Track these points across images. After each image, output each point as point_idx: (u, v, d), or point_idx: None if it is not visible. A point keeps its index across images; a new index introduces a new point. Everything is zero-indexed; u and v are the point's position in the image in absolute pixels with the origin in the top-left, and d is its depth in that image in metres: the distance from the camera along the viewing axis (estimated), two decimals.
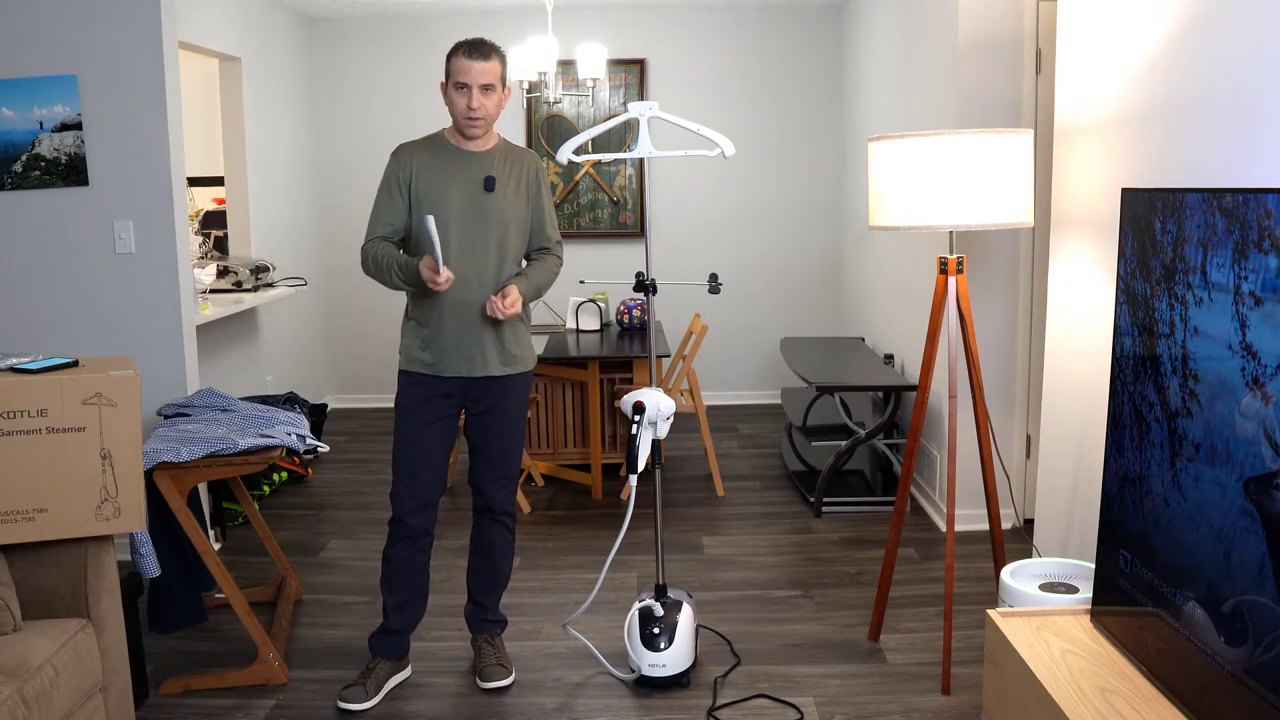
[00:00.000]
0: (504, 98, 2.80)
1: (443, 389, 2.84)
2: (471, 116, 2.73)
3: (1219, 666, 1.59)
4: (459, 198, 2.78)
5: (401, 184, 2.81)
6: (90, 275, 3.81)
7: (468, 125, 2.75)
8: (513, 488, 2.98)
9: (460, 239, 2.78)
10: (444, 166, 2.80)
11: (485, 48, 2.72)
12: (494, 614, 3.06)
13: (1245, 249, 1.53)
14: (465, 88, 2.71)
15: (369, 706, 2.82)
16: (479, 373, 2.84)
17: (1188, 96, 2.25)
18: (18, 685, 2.05)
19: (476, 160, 2.81)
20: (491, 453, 2.92)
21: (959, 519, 4.14)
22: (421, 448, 2.84)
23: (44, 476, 2.30)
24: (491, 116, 2.76)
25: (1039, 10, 3.85)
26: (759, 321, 6.71)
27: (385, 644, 2.94)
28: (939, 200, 2.68)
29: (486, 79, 2.71)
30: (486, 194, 2.79)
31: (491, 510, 2.97)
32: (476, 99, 2.71)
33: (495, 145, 2.86)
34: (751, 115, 6.51)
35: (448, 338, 2.81)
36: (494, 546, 2.99)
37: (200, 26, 4.83)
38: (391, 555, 2.90)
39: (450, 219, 2.77)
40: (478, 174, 2.79)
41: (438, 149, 2.83)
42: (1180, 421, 1.72)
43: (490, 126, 2.80)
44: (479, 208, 2.79)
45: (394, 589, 2.92)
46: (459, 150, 2.82)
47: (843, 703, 2.82)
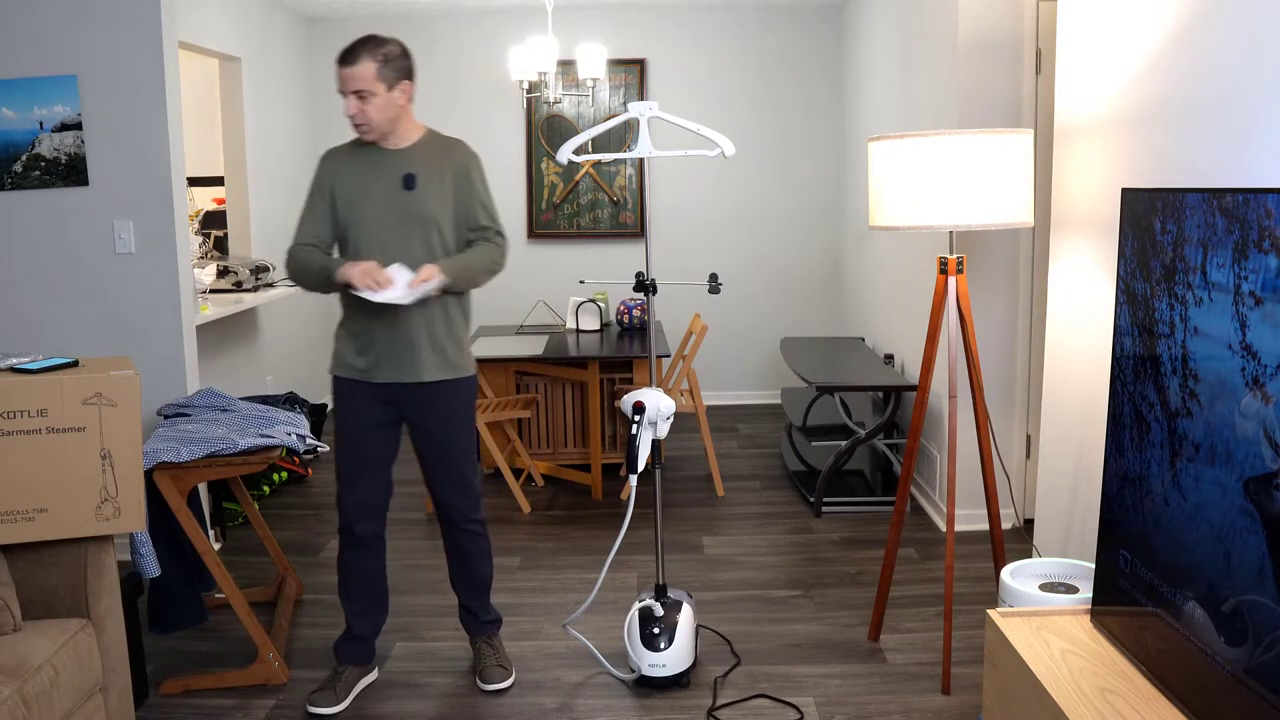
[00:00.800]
0: (399, 97, 2.66)
1: (378, 395, 2.78)
2: (355, 124, 2.65)
3: (1219, 666, 1.59)
4: (380, 200, 2.70)
5: (324, 192, 2.75)
6: (90, 275, 3.81)
7: (357, 131, 2.68)
8: (472, 495, 2.90)
9: (385, 242, 2.70)
10: (363, 169, 2.72)
11: (353, 52, 2.59)
12: (487, 615, 3.04)
13: (1245, 249, 1.53)
14: (345, 94, 2.63)
15: (338, 710, 2.81)
16: (409, 378, 2.75)
17: (1188, 96, 2.25)
18: (18, 685, 2.05)
19: (396, 159, 2.72)
20: (437, 465, 2.84)
21: (959, 519, 4.14)
22: (362, 454, 2.79)
23: (44, 476, 2.30)
24: (377, 120, 2.64)
25: (1039, 10, 3.85)
26: (759, 321, 6.71)
27: (351, 651, 2.92)
28: (939, 200, 2.68)
29: (357, 85, 2.59)
30: (407, 193, 2.69)
31: (454, 521, 2.90)
32: (353, 105, 2.61)
33: (418, 140, 2.75)
34: (751, 115, 6.51)
35: (379, 343, 2.74)
36: (468, 554, 2.94)
37: (200, 26, 4.83)
38: (345, 563, 2.88)
39: (373, 222, 2.70)
40: (397, 173, 2.70)
41: (361, 151, 2.74)
42: (1180, 421, 1.72)
43: (385, 129, 2.68)
44: (401, 208, 2.69)
45: (353, 597, 2.90)
46: (380, 150, 2.73)
47: (843, 703, 2.82)
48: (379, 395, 2.78)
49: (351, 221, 2.72)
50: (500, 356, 4.70)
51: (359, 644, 2.93)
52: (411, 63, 2.70)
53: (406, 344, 2.73)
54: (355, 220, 2.71)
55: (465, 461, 2.87)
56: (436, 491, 2.88)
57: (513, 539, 4.19)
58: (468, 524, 2.91)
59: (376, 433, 2.80)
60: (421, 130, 2.78)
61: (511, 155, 6.54)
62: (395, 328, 2.73)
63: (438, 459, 2.84)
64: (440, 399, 2.80)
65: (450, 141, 2.80)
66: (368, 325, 2.75)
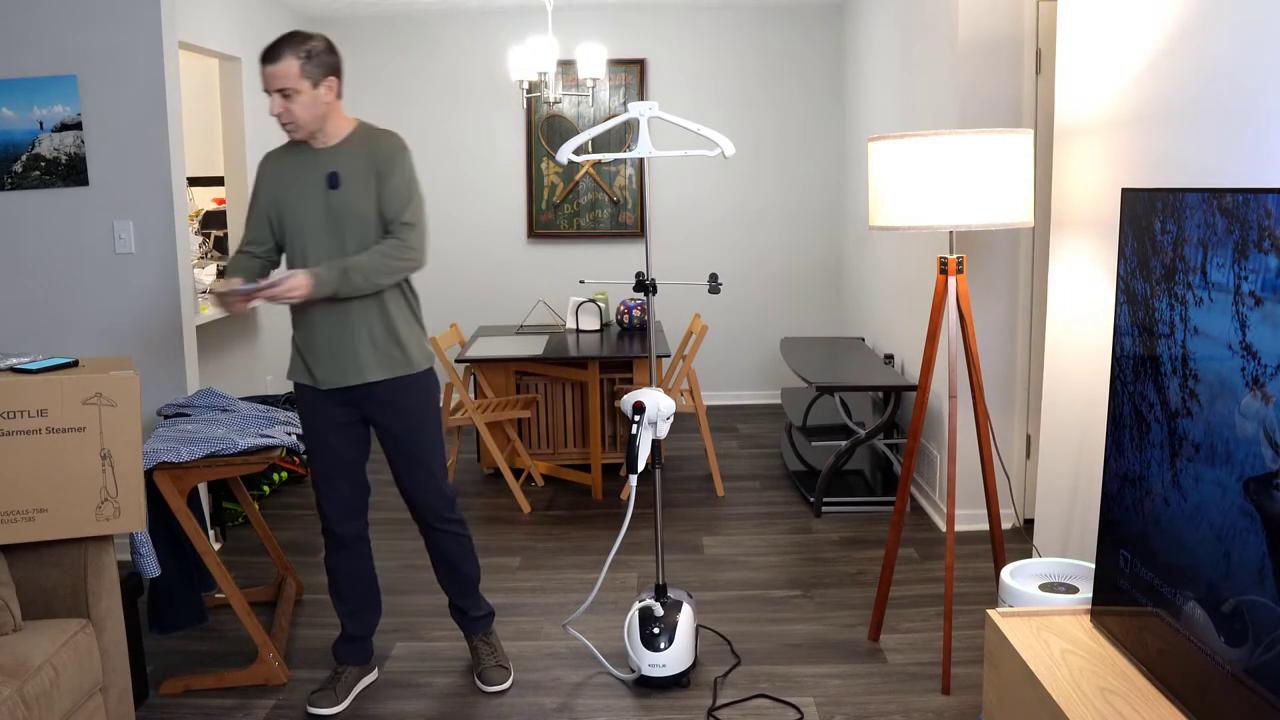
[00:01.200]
0: (323, 95, 2.59)
1: (334, 398, 2.75)
2: (281, 123, 2.60)
3: (1219, 666, 1.59)
4: (308, 199, 2.65)
5: (259, 195, 2.72)
6: (90, 275, 3.81)
7: (286, 130, 2.63)
8: (441, 494, 2.84)
9: (316, 244, 2.65)
10: (294, 169, 2.67)
11: (276, 49, 2.53)
12: (478, 610, 3.01)
13: (1245, 249, 1.53)
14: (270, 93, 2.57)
15: (338, 711, 2.81)
16: (355, 380, 2.70)
17: (1188, 96, 2.25)
18: (18, 685, 2.05)
19: (323, 157, 2.66)
20: (401, 465, 2.80)
21: (959, 519, 4.14)
22: (331, 457, 2.78)
23: (44, 476, 2.30)
24: (303, 118, 2.58)
25: (1039, 10, 3.85)
26: (759, 321, 6.71)
27: (348, 651, 2.92)
28: (939, 200, 2.68)
29: (280, 83, 2.53)
30: (332, 191, 2.63)
31: (428, 522, 2.86)
32: (277, 105, 2.56)
33: (347, 136, 2.68)
34: (751, 115, 6.51)
35: (321, 349, 2.70)
36: (449, 553, 2.90)
37: (200, 26, 4.83)
38: (332, 565, 2.88)
39: (304, 223, 2.65)
40: (322, 172, 2.65)
41: (291, 151, 2.70)
42: (1180, 421, 1.72)
43: (312, 128, 2.61)
44: (328, 207, 2.64)
45: (343, 598, 2.90)
46: (309, 149, 2.67)
47: (843, 703, 2.82)
48: (334, 398, 2.75)
49: (286, 224, 2.69)
50: (500, 356, 4.70)
51: (355, 644, 2.93)
52: (338, 59, 2.62)
53: (345, 346, 2.68)
54: (289, 223, 2.68)
55: (430, 460, 2.81)
56: (406, 492, 2.84)
57: (513, 539, 4.19)
58: (443, 524, 2.86)
59: (341, 435, 2.78)
60: (352, 125, 2.70)
61: (511, 155, 6.55)
62: (333, 331, 2.68)
63: (400, 458, 2.80)
64: (392, 397, 2.75)
65: (379, 134, 2.70)
66: (309, 331, 2.71)
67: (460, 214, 6.59)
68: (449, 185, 6.57)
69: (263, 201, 2.73)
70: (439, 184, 6.56)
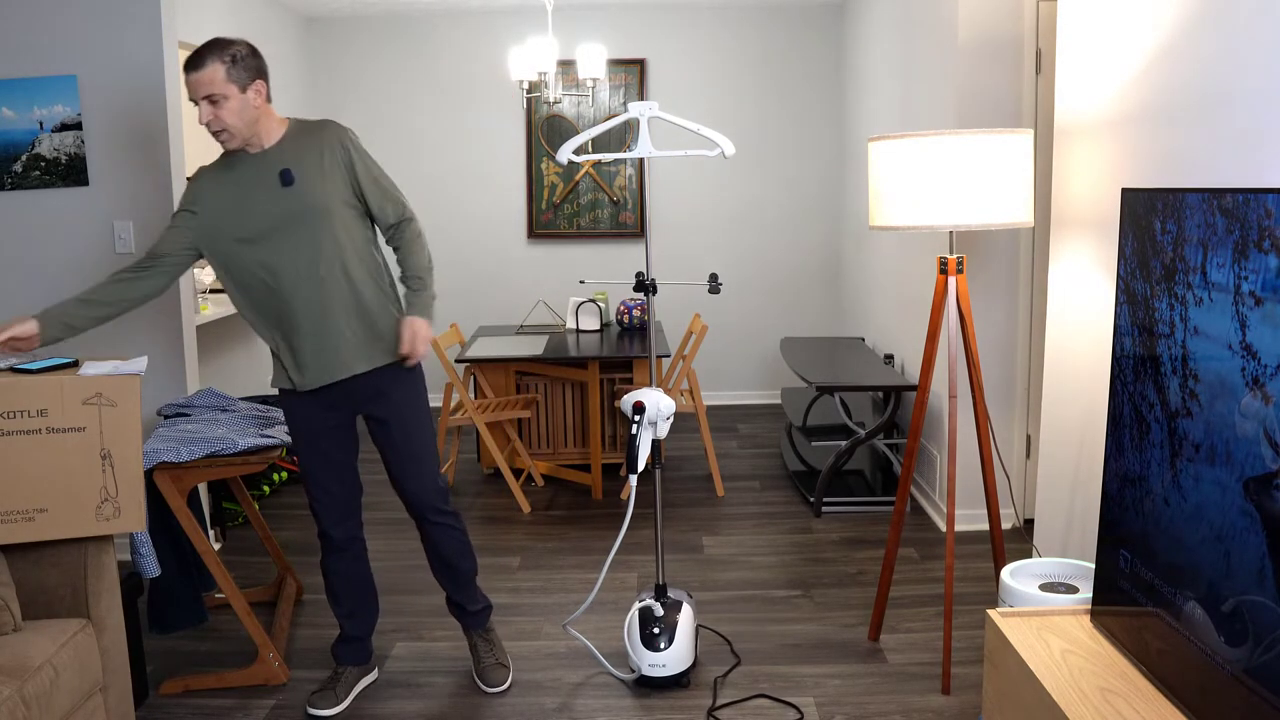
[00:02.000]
0: (250, 99, 2.54)
1: (320, 401, 2.73)
2: (211, 131, 2.54)
3: (1219, 666, 1.59)
4: (262, 207, 2.58)
5: (188, 211, 2.63)
6: (90, 275, 3.81)
7: (218, 139, 2.56)
8: (433, 486, 2.82)
9: (278, 248, 2.59)
10: (236, 181, 2.61)
11: (199, 56, 2.47)
12: (474, 604, 3.00)
13: (1245, 249, 1.53)
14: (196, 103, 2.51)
15: (338, 711, 2.81)
16: (340, 375, 2.67)
17: (1188, 96, 2.25)
18: (18, 685, 2.05)
19: (266, 160, 2.60)
20: (394, 456, 2.77)
21: (959, 519, 4.14)
22: (322, 460, 2.77)
23: (44, 476, 2.30)
24: (236, 124, 2.53)
25: (1039, 10, 3.85)
26: (759, 321, 6.71)
27: (347, 652, 2.92)
28: (939, 200, 2.68)
29: (206, 90, 2.47)
30: (287, 190, 2.57)
31: (423, 515, 2.84)
32: (205, 112, 2.50)
33: (285, 134, 2.62)
34: (751, 115, 6.51)
35: (300, 350, 2.66)
36: (443, 548, 2.88)
37: (200, 26, 4.83)
38: (328, 569, 2.88)
39: (262, 232, 2.58)
40: (271, 173, 2.58)
41: (230, 163, 2.64)
42: (1180, 421, 1.72)
43: (244, 135, 2.56)
44: (285, 209, 2.58)
45: (339, 601, 2.90)
46: (248, 156, 2.61)
47: (843, 703, 2.82)
48: (321, 400, 2.73)
49: (241, 236, 2.60)
50: (500, 356, 4.70)
51: (354, 644, 2.93)
52: (263, 62, 2.59)
53: (326, 343, 2.65)
54: (246, 234, 2.59)
55: (422, 451, 2.78)
56: (399, 485, 2.82)
57: (513, 539, 4.19)
58: (437, 516, 2.84)
59: (330, 438, 2.76)
60: (285, 124, 2.65)
61: (511, 155, 6.55)
62: (312, 329, 2.64)
63: (391, 450, 2.78)
64: (379, 387, 2.73)
65: (317, 124, 2.66)
66: (288, 333, 2.67)
67: (460, 214, 6.59)
68: (449, 185, 6.57)
69: (188, 216, 2.63)
70: (439, 184, 6.56)
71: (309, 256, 2.60)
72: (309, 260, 2.60)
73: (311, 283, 2.61)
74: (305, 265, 2.60)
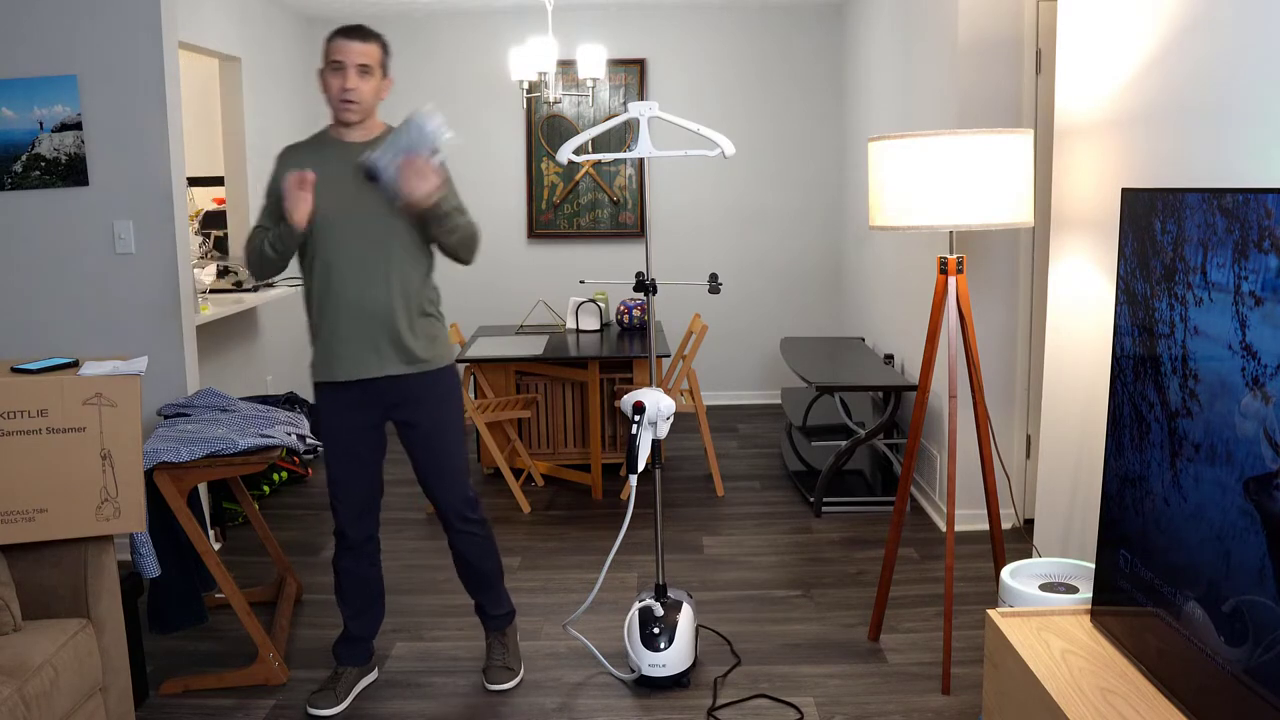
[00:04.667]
0: (385, 87, 2.69)
1: (351, 398, 2.75)
2: (346, 99, 2.60)
3: (1219, 666, 1.59)
4: (340, 193, 2.65)
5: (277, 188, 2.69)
6: (90, 275, 3.81)
7: (343, 109, 2.62)
8: (463, 493, 2.85)
9: (342, 236, 2.66)
10: (322, 163, 2.67)
11: (365, 31, 2.62)
12: (498, 609, 3.03)
13: (1245, 249, 1.53)
14: (340, 68, 2.58)
15: (337, 711, 2.81)
16: (377, 373, 2.71)
17: (1188, 96, 2.25)
18: (18, 685, 2.05)
19: (356, 152, 2.66)
20: (425, 461, 2.81)
21: (959, 519, 4.14)
22: (346, 461, 2.78)
23: (44, 476, 2.30)
24: (368, 102, 2.64)
25: (1039, 10, 3.85)
26: (759, 321, 6.71)
27: (349, 652, 2.92)
28: (939, 200, 2.68)
29: (363, 59, 2.59)
30: (370, 184, 2.62)
31: (449, 521, 2.87)
32: (352, 79, 2.58)
33: (379, 135, 2.72)
34: (751, 115, 6.51)
35: (343, 340, 2.70)
36: (469, 553, 2.91)
37: (200, 26, 4.83)
38: (339, 567, 2.88)
39: (333, 216, 2.65)
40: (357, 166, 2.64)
41: (319, 146, 2.71)
42: (1180, 421, 1.72)
43: (369, 114, 2.67)
44: (360, 201, 2.65)
45: (347, 600, 2.90)
46: (340, 143, 2.70)
47: (843, 703, 2.82)
48: (355, 397, 2.75)
49: (312, 217, 2.65)
50: (500, 356, 4.70)
51: (356, 645, 2.93)
52: None
53: (369, 338, 2.69)
54: (316, 216, 2.65)
55: (454, 459, 2.82)
56: (429, 492, 2.85)
57: (513, 539, 4.19)
58: (465, 524, 2.87)
59: (360, 437, 2.78)
60: (383, 127, 2.75)
61: (511, 155, 6.55)
62: (359, 322, 2.68)
63: (424, 456, 2.80)
64: (416, 392, 2.76)
65: None
66: (334, 322, 2.71)
67: None
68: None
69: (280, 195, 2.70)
70: None
71: (369, 252, 2.67)
72: (369, 255, 2.67)
73: (366, 277, 2.67)
74: (364, 259, 2.67)
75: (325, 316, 2.72)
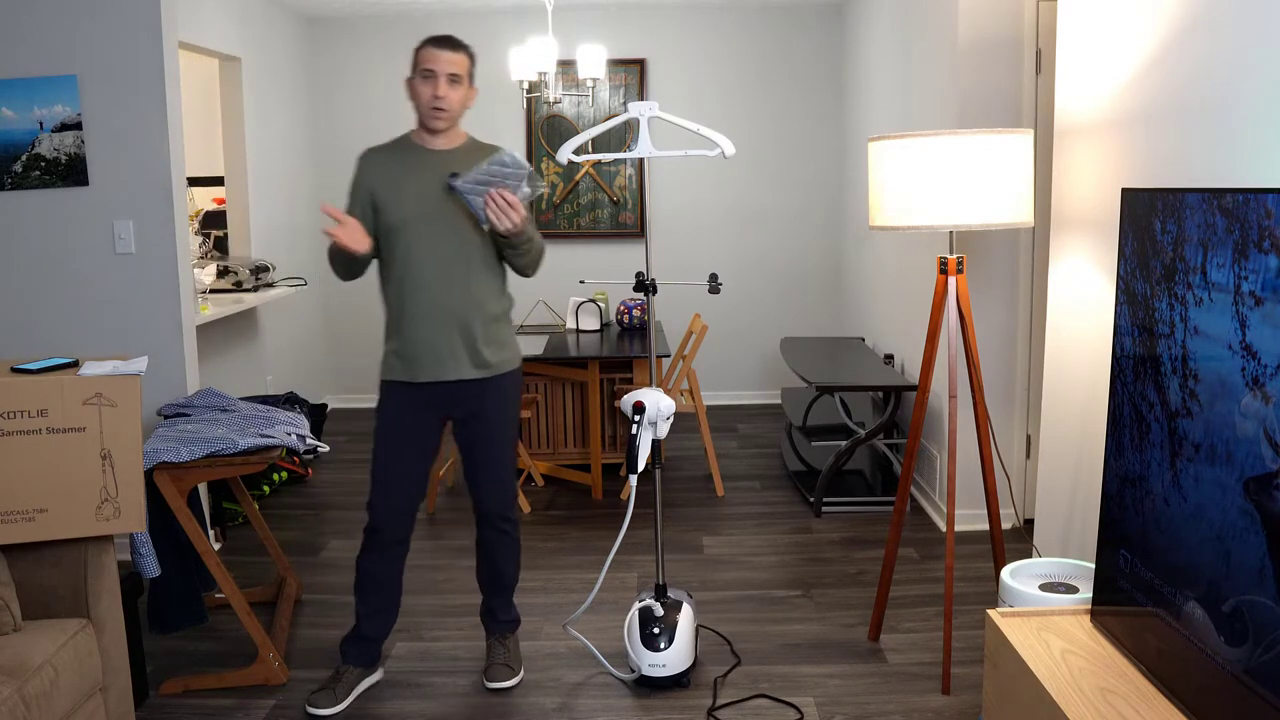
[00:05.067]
0: (471, 96, 2.75)
1: (420, 398, 2.79)
2: (437, 107, 2.67)
3: (1219, 666, 1.59)
4: (421, 199, 2.71)
5: (363, 192, 2.76)
6: (90, 275, 3.81)
7: (432, 116, 2.69)
8: (508, 494, 2.93)
9: (424, 241, 2.71)
10: (406, 168, 2.74)
11: (455, 41, 2.69)
12: (505, 614, 3.05)
13: (1245, 249, 1.53)
14: (431, 76, 2.65)
15: (337, 711, 2.81)
16: (451, 376, 2.78)
17: (1188, 96, 2.25)
18: (18, 685, 2.05)
19: (440, 159, 2.74)
20: (479, 459, 2.87)
21: (959, 519, 4.14)
22: (399, 459, 2.80)
23: (44, 476, 2.30)
24: (456, 110, 2.71)
25: (1039, 10, 3.85)
26: (759, 321, 6.71)
27: (357, 651, 2.92)
28: (939, 200, 2.68)
29: (454, 68, 2.66)
30: (450, 194, 2.71)
31: (489, 517, 2.93)
32: (443, 87, 2.66)
33: (462, 144, 2.80)
34: (751, 115, 6.51)
35: (419, 342, 2.76)
36: (496, 552, 2.97)
37: (200, 26, 4.83)
38: (364, 564, 2.89)
39: (413, 221, 2.71)
40: (442, 173, 2.72)
41: (402, 151, 2.78)
42: (1180, 421, 1.72)
43: (456, 121, 2.75)
44: (442, 209, 2.72)
45: (366, 598, 2.91)
46: (423, 150, 2.76)
47: (843, 703, 2.82)
48: (424, 397, 2.80)
49: (394, 221, 2.73)
50: None
51: (366, 644, 2.93)
52: None
53: (445, 342, 2.76)
54: (398, 219, 2.72)
55: (505, 461, 2.90)
56: (476, 488, 2.91)
57: None
58: (502, 522, 2.94)
59: (416, 437, 2.82)
60: (465, 136, 2.83)
61: None
62: (435, 329, 2.75)
63: (480, 454, 2.87)
64: (484, 395, 2.83)
65: (490, 146, 2.84)
66: (413, 326, 2.77)
67: None
68: None
69: (367, 198, 2.76)
70: None
71: (450, 259, 2.73)
72: (449, 262, 2.73)
73: (447, 283, 2.73)
74: (445, 265, 2.73)
75: (404, 318, 2.77)
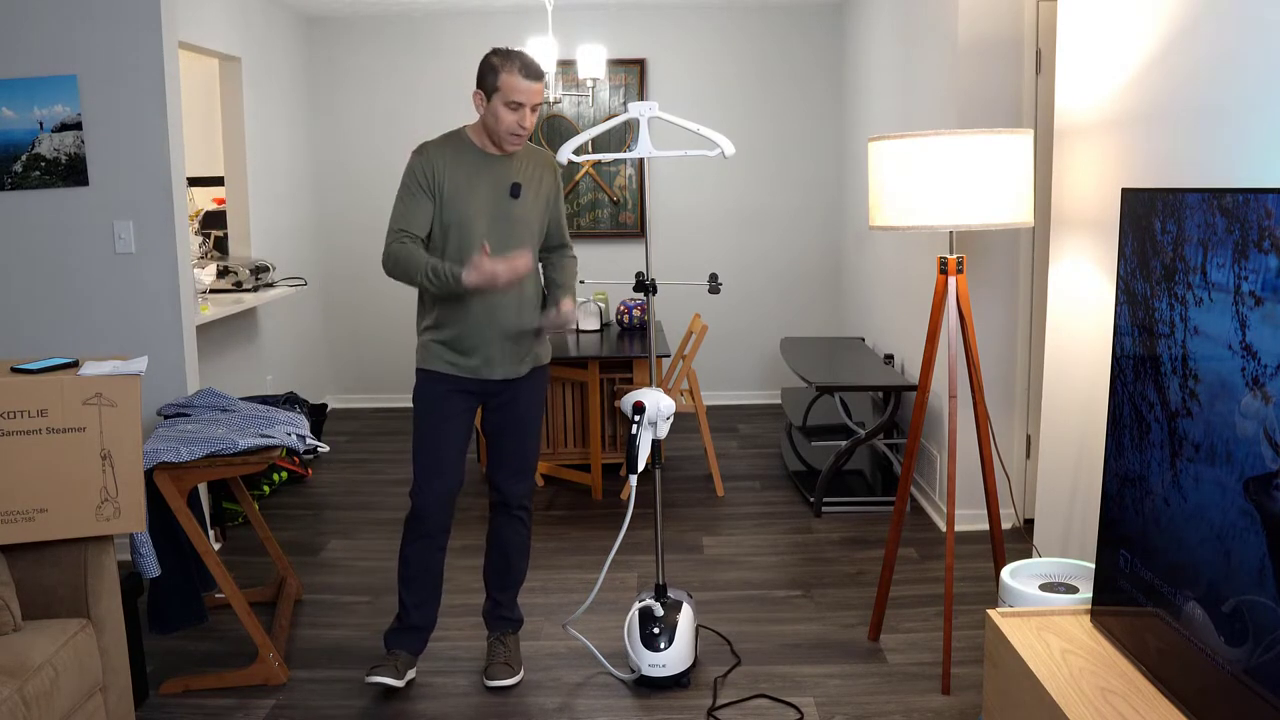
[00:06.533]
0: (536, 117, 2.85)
1: (463, 386, 2.86)
2: (517, 134, 2.74)
3: (1219, 666, 1.59)
4: (486, 202, 2.78)
5: (429, 182, 2.77)
6: (90, 275, 3.81)
7: (512, 142, 2.76)
8: (529, 482, 3.00)
9: (482, 241, 2.77)
10: (471, 169, 2.79)
11: (539, 70, 2.73)
12: (509, 611, 3.06)
13: (1245, 249, 1.53)
14: (520, 107, 2.70)
15: (401, 684, 2.85)
16: (499, 376, 2.86)
17: (1188, 96, 2.25)
18: (18, 685, 2.05)
19: (502, 165, 2.81)
20: (509, 447, 2.94)
21: (959, 519, 4.14)
22: (443, 444, 2.84)
23: (44, 476, 2.30)
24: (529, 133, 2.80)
25: (1039, 10, 3.85)
26: (759, 321, 6.71)
27: (407, 640, 2.94)
28: (939, 200, 2.68)
29: (539, 99, 2.74)
30: (512, 200, 2.80)
31: (508, 505, 2.98)
32: (529, 119, 2.73)
33: (522, 151, 2.87)
34: (751, 115, 6.51)
35: (472, 342, 2.82)
36: (509, 542, 3.01)
37: (200, 26, 4.83)
38: (410, 555, 2.90)
39: (478, 222, 2.77)
40: (504, 180, 2.80)
41: (462, 150, 2.80)
42: (1180, 421, 1.72)
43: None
44: (505, 213, 2.80)
45: (412, 589, 2.92)
46: (484, 154, 2.81)
47: (843, 703, 2.82)
48: (464, 386, 2.86)
49: (455, 218, 2.77)
50: None
51: (414, 633, 2.95)
52: None
53: (499, 343, 2.83)
54: (459, 217, 2.76)
55: (532, 450, 2.98)
56: (498, 475, 2.96)
57: None
58: (519, 509, 2.99)
59: (456, 421, 2.87)
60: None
61: None
62: (490, 329, 2.81)
63: (510, 442, 2.93)
64: (520, 387, 2.92)
65: (540, 153, 2.91)
66: (462, 324, 2.81)
67: None
68: None
69: (434, 191, 2.77)
70: None
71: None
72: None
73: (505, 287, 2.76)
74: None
75: (457, 314, 2.81)
